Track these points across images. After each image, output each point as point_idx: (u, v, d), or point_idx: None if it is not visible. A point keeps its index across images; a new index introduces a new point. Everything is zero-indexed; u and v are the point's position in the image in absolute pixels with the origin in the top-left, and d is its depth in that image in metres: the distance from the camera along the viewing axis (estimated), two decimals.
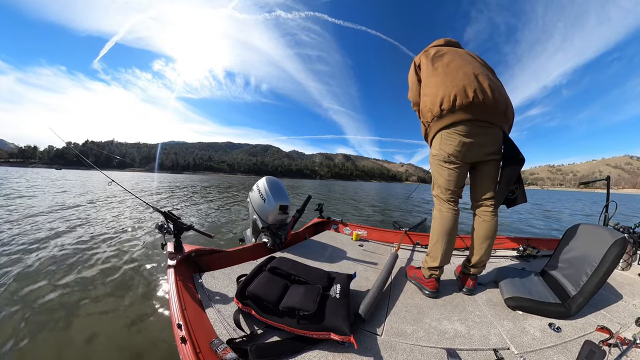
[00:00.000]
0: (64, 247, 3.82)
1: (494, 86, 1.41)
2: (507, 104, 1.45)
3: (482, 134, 1.43)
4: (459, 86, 1.38)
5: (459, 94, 1.37)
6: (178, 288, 1.26)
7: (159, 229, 1.61)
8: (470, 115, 1.38)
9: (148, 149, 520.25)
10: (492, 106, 1.38)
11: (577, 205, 20.01)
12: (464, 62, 1.50)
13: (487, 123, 1.42)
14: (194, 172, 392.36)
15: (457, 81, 1.40)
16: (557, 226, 8.30)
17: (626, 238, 1.35)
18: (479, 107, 1.37)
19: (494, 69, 1.62)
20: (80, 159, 2.13)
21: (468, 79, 1.39)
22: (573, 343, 1.15)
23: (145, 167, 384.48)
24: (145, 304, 2.39)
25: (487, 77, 1.43)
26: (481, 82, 1.39)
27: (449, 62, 1.51)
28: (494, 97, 1.38)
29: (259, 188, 2.41)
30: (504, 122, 1.48)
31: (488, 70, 1.54)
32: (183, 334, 0.97)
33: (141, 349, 1.86)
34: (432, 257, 1.59)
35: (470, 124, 1.40)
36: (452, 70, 1.47)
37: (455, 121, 1.41)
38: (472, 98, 1.35)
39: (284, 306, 1.14)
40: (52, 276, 2.85)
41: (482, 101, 1.35)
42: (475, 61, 1.55)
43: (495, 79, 1.52)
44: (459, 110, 1.39)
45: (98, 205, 7.75)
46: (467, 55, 1.58)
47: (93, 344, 1.89)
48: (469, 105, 1.36)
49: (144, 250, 3.82)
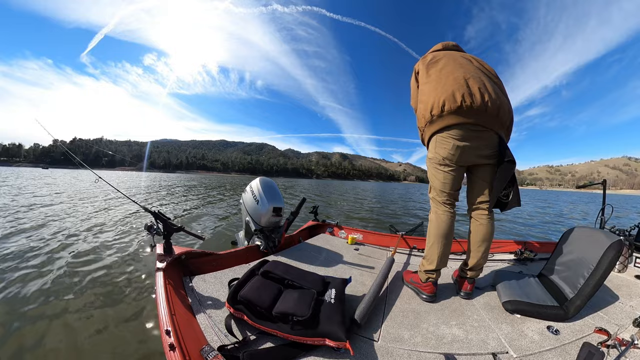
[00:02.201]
0: (41, 247, 3.72)
1: (485, 90, 1.41)
2: (500, 107, 1.42)
3: (475, 137, 1.45)
4: (448, 92, 1.43)
5: (447, 100, 1.42)
6: (167, 292, 1.24)
7: (148, 229, 1.59)
8: (460, 119, 1.42)
9: (139, 147, 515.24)
10: (482, 110, 1.39)
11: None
12: (456, 66, 1.52)
13: (480, 127, 1.43)
14: (187, 171, 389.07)
15: (447, 87, 1.44)
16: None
17: (622, 241, 1.39)
18: (467, 111, 1.40)
19: (494, 68, 1.63)
20: (69, 157, 2.08)
21: (457, 84, 1.43)
22: (572, 345, 1.16)
23: (136, 165, 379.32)
24: (132, 309, 2.33)
25: (479, 81, 1.44)
26: (471, 86, 1.41)
27: (442, 68, 1.56)
28: (484, 100, 1.38)
29: (252, 189, 2.40)
30: (498, 126, 1.47)
31: (484, 73, 1.54)
32: (172, 341, 0.95)
33: (126, 357, 1.81)
34: (429, 260, 1.59)
35: (463, 128, 1.44)
36: (444, 76, 1.50)
37: (446, 125, 1.46)
38: (459, 102, 1.39)
39: (278, 311, 1.13)
40: (29, 278, 2.77)
41: (470, 105, 1.38)
42: (470, 64, 1.56)
43: (492, 81, 1.51)
44: (448, 115, 1.43)
45: (83, 204, 7.60)
46: (461, 59, 1.59)
47: (76, 351, 1.84)
48: (457, 109, 1.40)
49: (132, 252, 3.75)
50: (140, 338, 1.99)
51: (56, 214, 6.43)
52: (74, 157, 2.09)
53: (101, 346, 1.90)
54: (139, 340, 1.96)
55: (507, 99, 1.54)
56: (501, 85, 1.58)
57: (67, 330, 2.04)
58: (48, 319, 2.16)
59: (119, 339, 1.98)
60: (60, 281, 2.77)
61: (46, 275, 2.90)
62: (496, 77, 1.59)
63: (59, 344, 1.89)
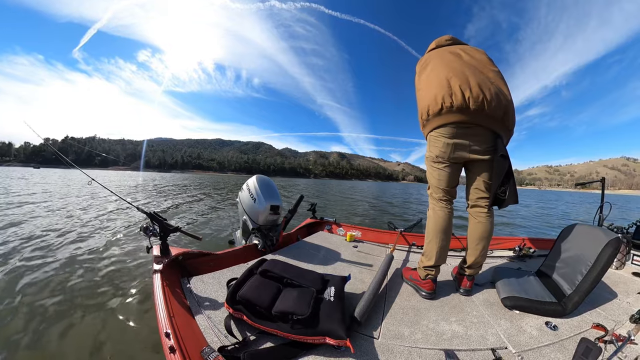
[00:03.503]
0: (36, 251, 3.69)
1: (467, 86, 1.40)
2: (485, 101, 1.38)
3: (464, 134, 1.48)
4: (431, 96, 1.50)
5: (431, 104, 1.50)
6: (165, 294, 1.24)
7: (144, 231, 1.58)
8: (444, 119, 1.48)
9: (133, 145, 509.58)
10: (462, 107, 1.40)
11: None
12: (442, 67, 1.54)
13: (468, 123, 1.44)
14: (182, 170, 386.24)
15: (432, 91, 1.51)
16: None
17: (620, 238, 1.42)
18: (448, 112, 1.45)
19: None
20: (59, 157, 2.04)
21: (440, 86, 1.47)
22: (570, 341, 1.19)
23: (131, 165, 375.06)
24: (130, 312, 2.32)
25: (461, 77, 1.43)
26: (452, 85, 1.43)
27: (429, 72, 1.60)
28: (464, 98, 1.39)
29: (249, 187, 2.39)
30: (488, 120, 1.44)
31: (472, 66, 1.50)
32: (172, 343, 0.95)
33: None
34: (427, 256, 1.62)
35: (451, 126, 1.47)
36: (430, 80, 1.56)
37: (437, 125, 1.53)
38: (440, 105, 1.45)
39: (277, 310, 1.14)
40: (24, 282, 2.75)
41: (451, 105, 1.42)
42: (457, 60, 1.55)
43: (479, 74, 1.46)
44: (433, 118, 1.52)
45: (77, 206, 7.53)
46: (449, 56, 1.59)
47: (73, 355, 1.83)
48: (438, 112, 1.47)
49: (128, 254, 3.73)
50: (139, 341, 1.98)
51: (45, 215, 6.37)
52: (64, 158, 2.05)
53: (99, 353, 1.88)
54: (138, 344, 1.95)
55: (501, 88, 1.47)
56: (492, 75, 1.51)
57: (63, 336, 2.01)
58: (41, 324, 2.14)
59: (118, 343, 1.96)
60: (52, 286, 2.74)
61: (38, 280, 2.87)
62: (486, 66, 1.53)
63: (55, 351, 1.88)
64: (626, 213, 14.89)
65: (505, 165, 1.49)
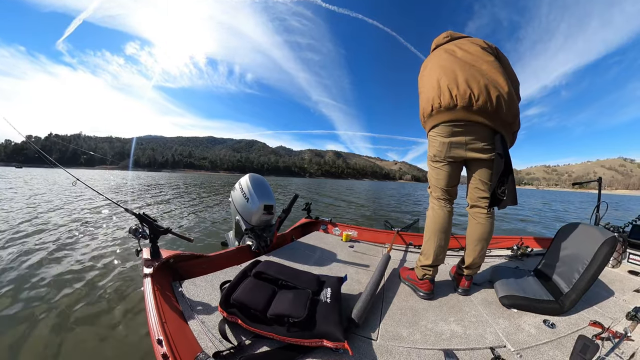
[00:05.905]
0: (20, 255, 3.61)
1: (455, 84, 1.43)
2: (470, 96, 1.38)
3: (459, 132, 1.50)
4: (426, 99, 1.58)
5: (426, 106, 1.58)
6: (156, 299, 1.22)
7: (133, 233, 1.56)
8: (436, 120, 1.55)
9: (122, 143, 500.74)
10: (450, 105, 1.44)
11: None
12: (435, 69, 1.57)
13: (462, 121, 1.46)
14: (173, 169, 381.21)
15: (427, 93, 1.58)
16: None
17: (616, 237, 1.45)
18: (438, 112, 1.52)
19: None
20: (42, 156, 1.99)
21: (432, 88, 1.54)
22: (567, 338, 1.22)
23: (119, 164, 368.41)
24: (119, 319, 2.27)
25: (450, 76, 1.46)
26: (441, 86, 1.48)
27: (426, 74, 1.65)
28: (452, 95, 1.42)
29: (242, 187, 2.38)
30: (481, 116, 1.42)
31: (464, 63, 1.48)
32: (164, 351, 0.94)
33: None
34: (425, 255, 1.64)
35: (446, 125, 1.52)
36: (425, 83, 1.63)
37: (433, 125, 1.60)
38: (430, 106, 1.54)
39: (273, 313, 1.13)
40: (8, 287, 2.69)
41: (439, 106, 1.49)
42: (450, 58, 1.55)
43: (471, 69, 1.44)
44: (429, 119, 1.60)
45: (61, 208, 7.38)
46: (444, 55, 1.60)
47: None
48: (430, 113, 1.56)
49: (116, 258, 3.67)
50: (130, 349, 1.94)
51: (27, 219, 6.24)
52: (47, 157, 2.00)
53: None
54: (129, 352, 1.92)
55: (495, 79, 1.42)
56: (485, 67, 1.45)
57: (50, 346, 1.96)
58: (28, 332, 2.09)
59: (107, 352, 1.93)
60: (36, 293, 2.68)
61: (24, 287, 2.82)
62: (480, 58, 1.48)
63: (44, 357, 1.85)
64: (622, 212, 15.27)
65: (501, 164, 1.45)
